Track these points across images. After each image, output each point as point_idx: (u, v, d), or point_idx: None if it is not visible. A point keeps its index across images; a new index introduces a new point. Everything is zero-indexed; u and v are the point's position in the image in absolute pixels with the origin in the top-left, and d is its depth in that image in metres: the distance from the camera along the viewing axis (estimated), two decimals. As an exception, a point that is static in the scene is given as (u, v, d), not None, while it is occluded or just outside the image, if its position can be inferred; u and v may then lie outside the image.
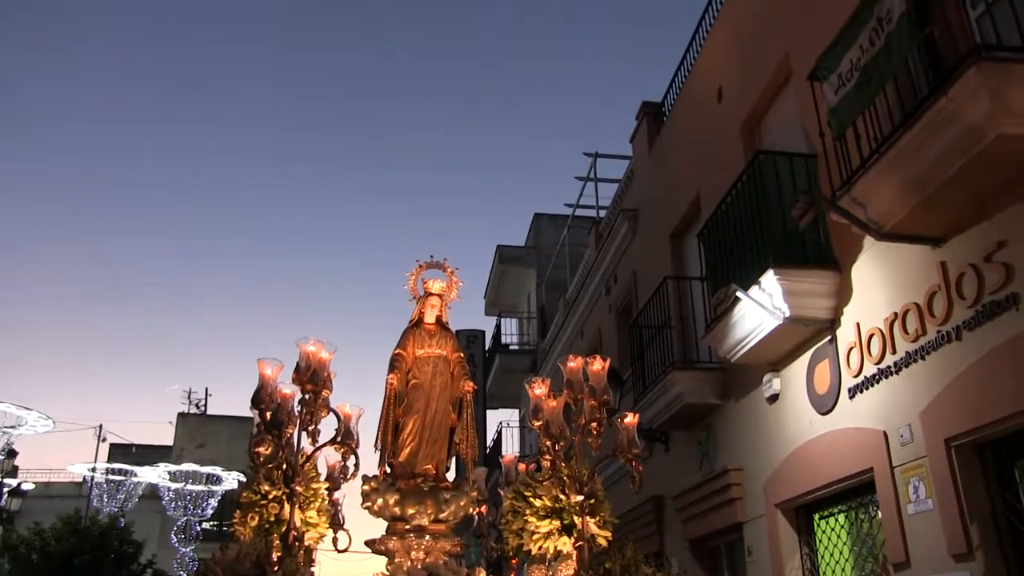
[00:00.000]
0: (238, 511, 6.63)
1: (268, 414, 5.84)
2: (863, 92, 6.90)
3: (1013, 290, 6.06)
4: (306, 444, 6.16)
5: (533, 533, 6.84)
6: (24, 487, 24.41)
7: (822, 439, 8.47)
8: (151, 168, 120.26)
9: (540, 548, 6.81)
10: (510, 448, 24.33)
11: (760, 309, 8.48)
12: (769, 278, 8.28)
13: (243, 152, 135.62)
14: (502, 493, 7.48)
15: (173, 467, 32.29)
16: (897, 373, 7.35)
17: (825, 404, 8.45)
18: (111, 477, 31.66)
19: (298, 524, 6.23)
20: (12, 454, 23.90)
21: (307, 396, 6.00)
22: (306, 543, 6.55)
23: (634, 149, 16.55)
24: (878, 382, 7.62)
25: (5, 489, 21.04)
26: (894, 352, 7.39)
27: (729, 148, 11.19)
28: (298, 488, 6.12)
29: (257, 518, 6.46)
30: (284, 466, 5.99)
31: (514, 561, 7.43)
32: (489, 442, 25.70)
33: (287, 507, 6.04)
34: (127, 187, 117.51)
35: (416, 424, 7.15)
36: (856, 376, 7.94)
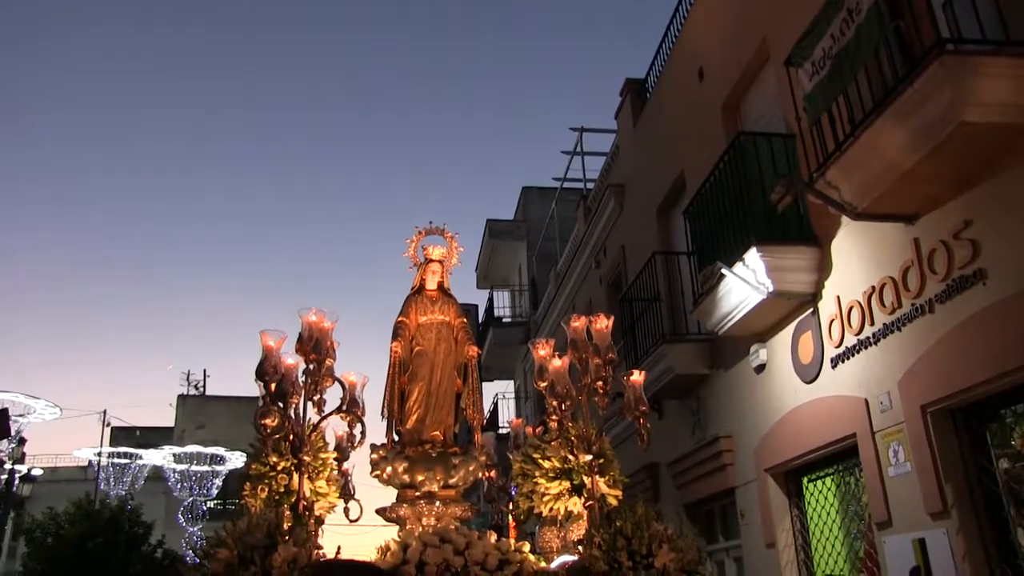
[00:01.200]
0: (248, 483, 6.60)
1: (272, 385, 5.87)
2: (836, 80, 7.25)
3: (979, 265, 6.46)
4: (312, 414, 6.15)
5: (543, 495, 6.87)
6: (34, 473, 24.85)
7: (807, 407, 8.90)
8: (147, 151, 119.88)
9: (551, 510, 6.85)
10: (506, 419, 24.73)
11: (745, 284, 8.88)
12: (752, 255, 8.67)
13: (238, 132, 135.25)
14: (511, 457, 7.51)
15: (177, 449, 32.79)
16: (876, 344, 7.77)
17: (809, 373, 8.87)
18: (117, 461, 32.18)
19: (308, 494, 6.20)
20: (22, 442, 24.43)
21: (311, 366, 6.01)
22: (316, 513, 6.49)
23: (619, 125, 16.87)
24: (858, 352, 8.03)
25: (17, 475, 21.50)
26: (872, 324, 7.80)
27: (711, 127, 11.54)
28: (306, 458, 6.09)
29: (267, 490, 6.41)
30: (291, 437, 5.98)
31: (513, 525, 7.53)
32: (486, 413, 26.13)
33: (296, 478, 6.05)
34: (123, 173, 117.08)
35: (422, 391, 7.21)
36: (838, 347, 8.35)
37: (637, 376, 6.80)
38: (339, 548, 6.39)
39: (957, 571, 6.59)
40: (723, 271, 9.08)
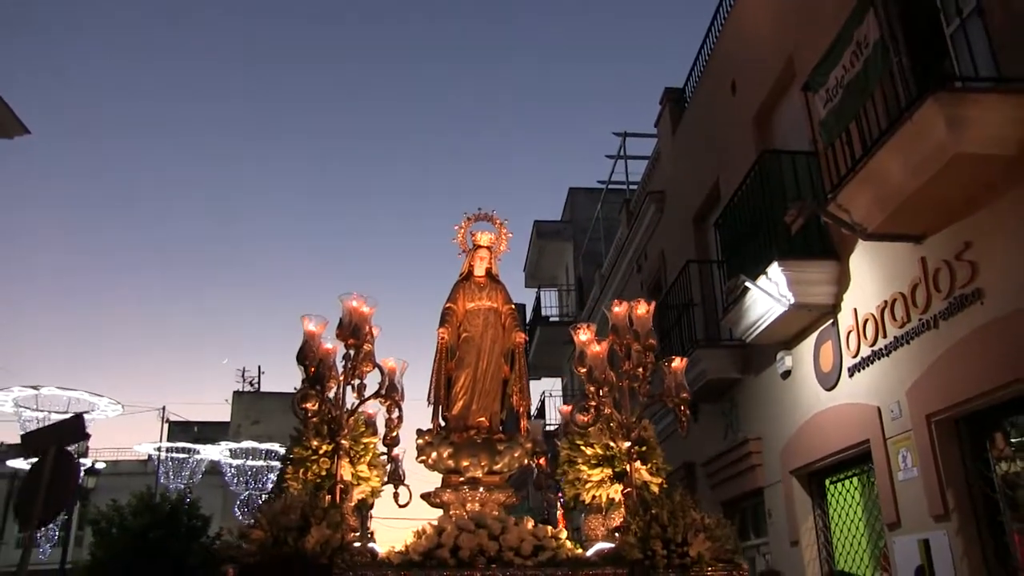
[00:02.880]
0: (290, 466, 6.54)
1: (312, 369, 5.91)
2: (847, 108, 7.70)
3: (978, 285, 6.90)
4: (352, 399, 6.16)
5: (586, 482, 6.80)
6: (97, 466, 25.89)
7: (828, 412, 9.35)
8: (200, 144, 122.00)
9: (593, 497, 6.77)
10: (553, 417, 25.24)
11: (767, 296, 9.34)
12: (774, 268, 9.14)
13: (294, 127, 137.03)
14: (558, 444, 7.41)
15: (234, 445, 33.84)
16: (888, 355, 8.21)
17: (829, 381, 9.32)
18: (175, 455, 33.30)
19: (347, 478, 6.30)
20: (86, 437, 25.45)
21: (350, 351, 6.05)
22: (358, 497, 6.57)
23: (659, 133, 17.32)
24: (872, 363, 8.48)
25: (82, 469, 22.45)
26: (885, 336, 8.25)
27: (743, 139, 12.00)
28: (344, 442, 6.12)
29: (308, 473, 6.30)
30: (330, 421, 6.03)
31: (561, 512, 7.59)
32: (533, 411, 26.65)
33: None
34: (181, 168, 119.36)
35: (468, 377, 7.15)
36: (855, 356, 8.80)
37: (678, 363, 6.64)
38: (372, 532, 6.71)
39: (956, 570, 7.05)
40: (747, 284, 9.55)
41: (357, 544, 5.72)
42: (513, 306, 7.66)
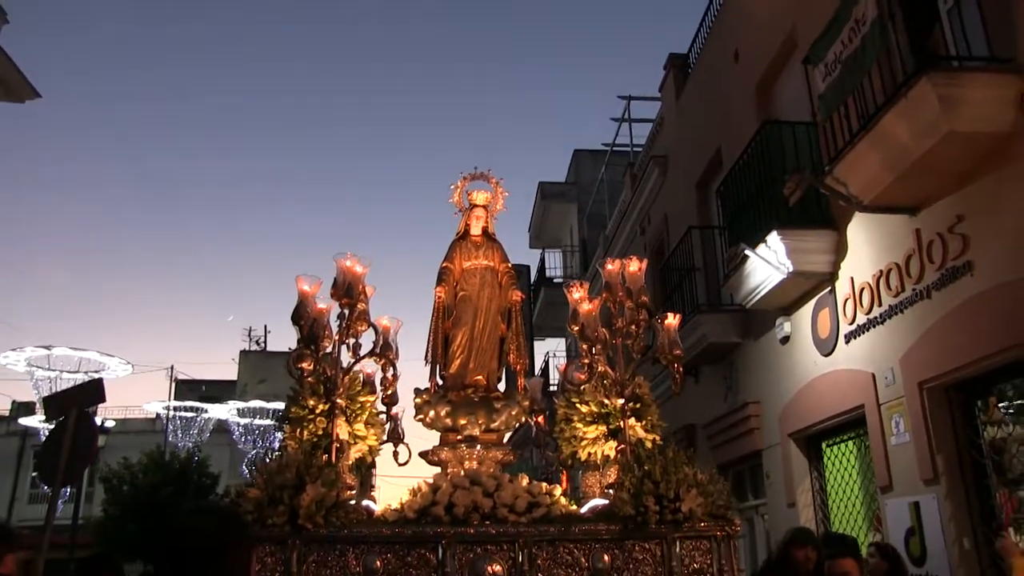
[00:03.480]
0: (287, 425, 6.52)
1: (306, 329, 5.95)
2: (845, 83, 7.87)
3: (969, 258, 7.11)
4: (347, 358, 6.22)
5: (582, 439, 6.80)
6: (107, 424, 26.30)
7: (825, 377, 9.59)
8: (209, 107, 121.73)
9: (589, 455, 6.78)
10: (556, 378, 25.51)
11: (767, 264, 9.56)
12: (774, 237, 9.34)
13: (301, 88, 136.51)
14: (556, 402, 7.31)
15: (241, 404, 34.29)
16: (882, 323, 8.44)
17: (826, 347, 9.56)
18: (184, 414, 33.75)
19: (344, 436, 6.31)
20: (104, 399, 25.99)
21: (344, 310, 6.12)
22: (356, 455, 6.59)
23: (663, 98, 17.43)
24: (868, 330, 8.71)
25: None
26: (880, 305, 8.47)
27: (745, 107, 12.15)
28: (339, 401, 6.15)
29: (305, 432, 6.28)
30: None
31: (564, 472, 7.39)
32: (537, 372, 26.93)
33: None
34: (190, 132, 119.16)
35: (465, 336, 7.21)
36: (851, 324, 9.02)
37: (671, 319, 6.55)
38: (374, 489, 6.82)
39: (944, 532, 7.33)
40: (746, 252, 9.76)
41: (353, 502, 5.82)
42: (510, 264, 7.72)
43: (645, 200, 17.71)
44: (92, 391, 8.72)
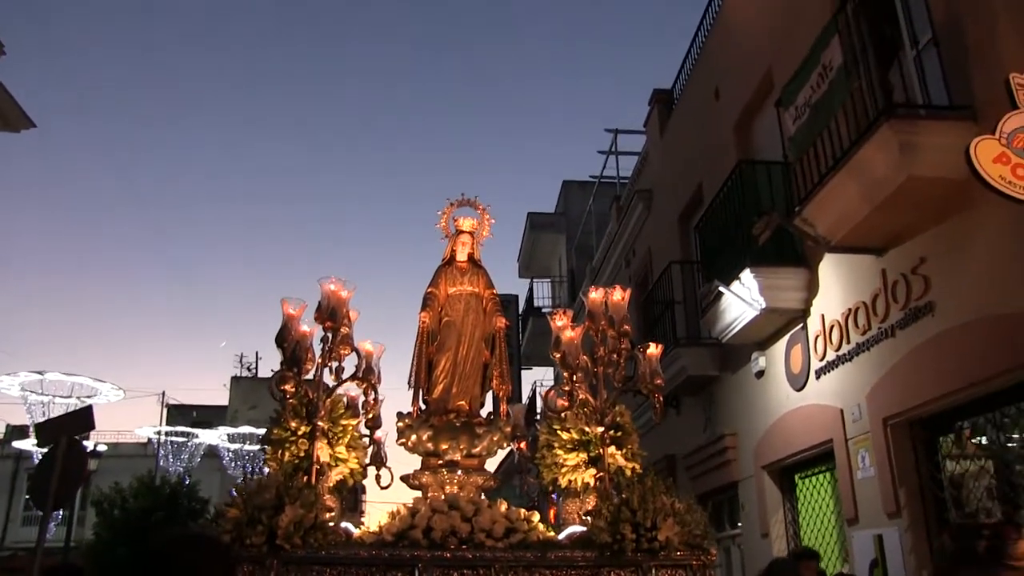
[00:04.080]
0: (269, 447, 6.57)
1: (289, 350, 5.99)
2: (813, 126, 8.15)
3: (930, 298, 7.38)
4: (330, 380, 6.26)
5: (562, 466, 6.87)
6: (99, 448, 26.42)
7: (797, 411, 9.84)
8: (202, 132, 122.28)
9: (570, 482, 6.85)
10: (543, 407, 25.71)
11: (741, 301, 9.82)
12: (747, 275, 9.60)
13: (294, 113, 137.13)
14: (538, 428, 7.45)
15: (231, 430, 34.45)
16: (851, 360, 8.69)
17: (799, 382, 9.81)
18: (175, 439, 33.91)
19: (325, 459, 6.33)
20: (93, 427, 26.33)
21: (327, 334, 6.12)
22: (336, 478, 6.63)
23: (648, 133, 17.74)
24: (837, 366, 8.96)
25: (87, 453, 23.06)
26: (848, 342, 8.73)
27: (724, 145, 12.44)
28: (321, 423, 6.17)
29: (287, 454, 6.34)
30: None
31: (551, 495, 7.37)
32: (524, 400, 27.11)
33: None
34: (172, 150, 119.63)
35: (448, 361, 7.20)
36: (821, 360, 9.28)
37: (653, 349, 6.62)
38: (363, 513, 6.93)
39: (905, 564, 7.55)
40: (720, 289, 10.02)
41: (332, 524, 5.85)
42: (495, 291, 7.72)
43: (630, 233, 17.98)
44: (82, 419, 8.97)
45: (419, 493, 7.02)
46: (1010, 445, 6.96)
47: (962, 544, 3.07)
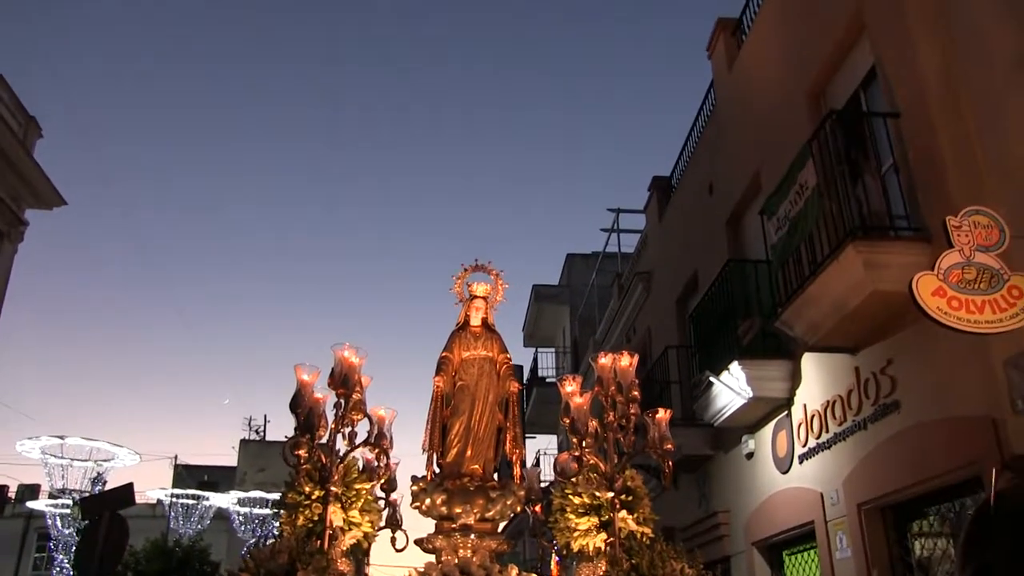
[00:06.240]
0: (284, 511, 6.65)
1: (302, 416, 6.12)
2: (791, 240, 9.02)
3: (896, 397, 8.18)
4: (343, 446, 6.40)
5: (574, 531, 6.91)
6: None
7: (782, 493, 10.60)
8: (210, 190, 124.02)
9: (582, 546, 6.88)
10: (548, 473, 26.38)
11: (729, 390, 10.64)
12: (735, 366, 10.43)
13: (298, 193, 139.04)
14: (552, 491, 7.47)
15: (242, 494, 35.18)
16: (829, 448, 9.47)
17: (784, 465, 10.58)
18: (185, 501, 34.60)
19: (339, 523, 6.47)
20: (103, 483, 27.39)
21: (340, 400, 6.23)
22: (350, 542, 6.72)
23: (647, 217, 18.70)
24: (817, 453, 9.74)
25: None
26: (827, 431, 9.51)
27: (717, 238, 13.34)
28: (334, 488, 6.27)
29: (302, 518, 6.43)
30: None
31: (555, 562, 7.77)
32: (528, 466, 27.72)
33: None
34: (187, 212, 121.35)
35: (462, 425, 7.31)
36: (804, 446, 10.06)
37: (663, 414, 6.72)
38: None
39: (876, 641, 8.29)
40: (711, 379, 10.85)
41: None
42: (509, 355, 7.82)
43: (631, 312, 18.83)
44: (123, 495, 9.78)
45: (432, 557, 7.12)
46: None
47: None
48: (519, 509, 7.50)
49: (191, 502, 34.80)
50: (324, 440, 6.35)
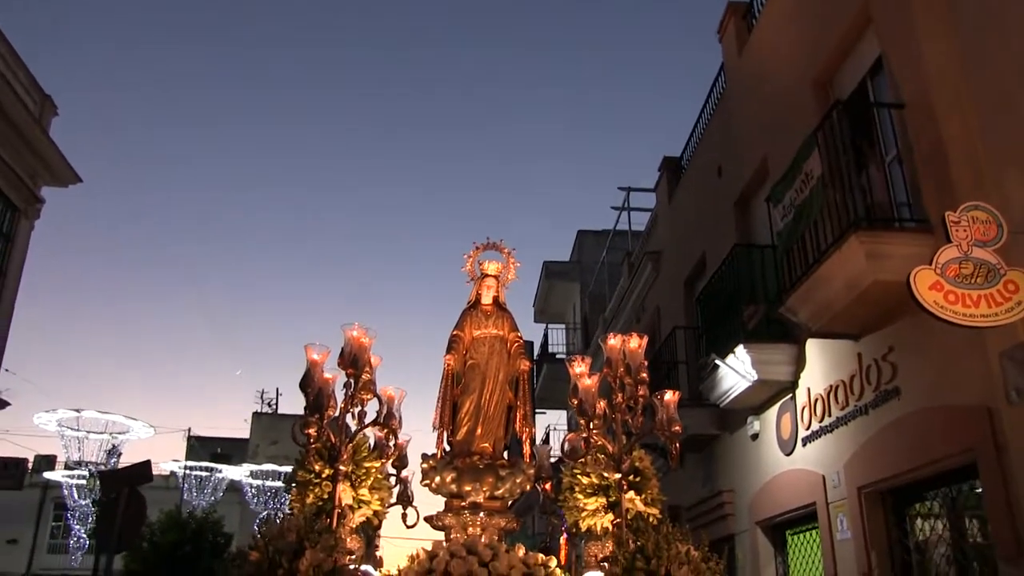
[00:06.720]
0: (294, 489, 6.68)
1: (312, 396, 6.14)
2: (796, 227, 9.15)
3: (897, 383, 8.34)
4: (352, 424, 6.39)
5: (583, 510, 6.97)
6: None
7: (786, 474, 10.78)
8: (225, 169, 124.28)
9: (590, 526, 6.93)
10: (558, 451, 26.62)
11: (734, 373, 10.81)
12: (740, 349, 10.59)
13: (316, 154, 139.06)
14: (563, 470, 7.44)
15: (255, 467, 35.63)
16: (831, 432, 9.64)
17: (787, 447, 10.76)
18: (198, 473, 35.08)
19: (348, 501, 6.50)
20: (118, 455, 27.90)
21: (350, 380, 6.25)
22: (359, 520, 6.73)
23: (657, 197, 18.82)
24: (820, 436, 9.91)
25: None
26: (830, 415, 9.68)
27: (725, 221, 13.46)
28: (343, 467, 6.27)
29: (311, 496, 6.45)
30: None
31: (564, 538, 7.41)
32: (538, 442, 27.95)
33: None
34: (201, 191, 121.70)
35: (473, 404, 7.39)
36: (807, 429, 10.23)
37: (671, 396, 6.65)
38: (379, 551, 7.16)
39: (874, 621, 8.49)
40: (716, 362, 11.01)
41: (352, 567, 5.98)
42: (520, 334, 7.87)
43: (640, 291, 18.96)
44: (141, 472, 10.02)
45: (442, 535, 7.17)
46: (963, 518, 7.88)
47: None
48: (528, 487, 7.56)
49: (204, 474, 35.27)
50: (333, 419, 6.37)
